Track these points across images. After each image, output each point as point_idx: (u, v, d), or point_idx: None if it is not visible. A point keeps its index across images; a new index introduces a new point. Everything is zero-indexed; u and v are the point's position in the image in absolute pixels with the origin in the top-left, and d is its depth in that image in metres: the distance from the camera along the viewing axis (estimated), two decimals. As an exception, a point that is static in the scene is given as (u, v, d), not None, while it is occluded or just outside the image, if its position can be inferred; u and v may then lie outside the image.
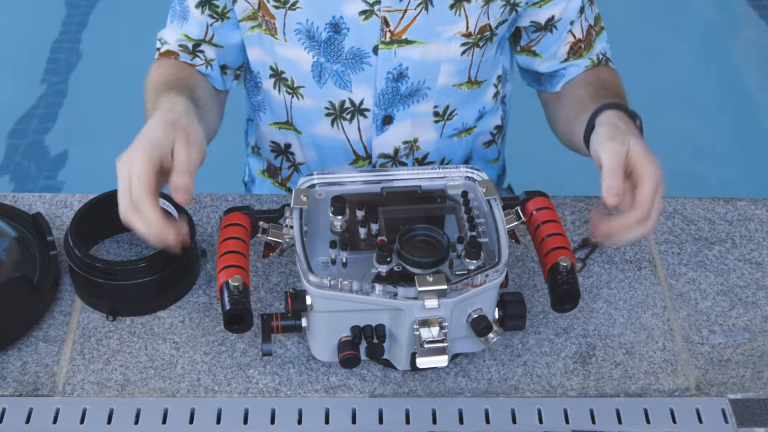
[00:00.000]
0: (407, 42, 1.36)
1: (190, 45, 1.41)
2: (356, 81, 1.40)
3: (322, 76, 1.40)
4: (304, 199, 1.17)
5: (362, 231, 1.16)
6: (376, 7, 1.32)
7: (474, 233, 1.15)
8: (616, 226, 1.15)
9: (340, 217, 1.16)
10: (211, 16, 1.39)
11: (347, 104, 1.43)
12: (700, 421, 1.17)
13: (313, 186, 1.21)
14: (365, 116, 1.44)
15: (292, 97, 1.45)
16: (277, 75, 1.44)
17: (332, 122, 1.46)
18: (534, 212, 1.22)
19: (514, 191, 1.72)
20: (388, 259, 1.11)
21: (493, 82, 1.50)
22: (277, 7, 1.34)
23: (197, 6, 1.38)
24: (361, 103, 1.42)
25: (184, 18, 1.40)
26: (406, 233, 1.13)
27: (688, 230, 1.39)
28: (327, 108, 1.44)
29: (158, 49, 1.45)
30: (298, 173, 1.57)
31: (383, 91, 1.41)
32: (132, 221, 1.10)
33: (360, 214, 1.17)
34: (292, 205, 1.16)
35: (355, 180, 1.22)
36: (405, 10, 1.33)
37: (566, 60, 1.45)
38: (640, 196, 1.14)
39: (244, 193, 1.55)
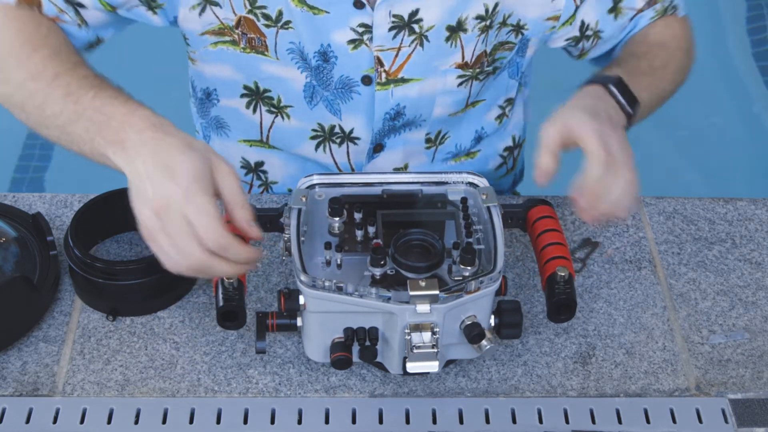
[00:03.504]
0: (404, 81, 1.32)
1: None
2: (345, 110, 1.36)
3: (314, 98, 1.35)
4: (303, 199, 1.17)
5: (359, 233, 1.15)
6: (365, 37, 1.27)
7: (470, 240, 1.15)
8: (591, 189, 1.11)
9: (337, 219, 1.16)
10: (143, 4, 1.26)
11: (337, 129, 1.39)
12: (700, 421, 1.17)
13: (312, 187, 1.20)
14: (355, 143, 1.40)
15: (276, 116, 1.39)
16: (256, 94, 1.37)
17: (318, 145, 1.41)
18: (536, 220, 1.22)
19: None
20: (382, 263, 1.11)
21: (498, 104, 1.45)
22: (267, 26, 1.27)
23: None
24: (351, 131, 1.38)
25: None
26: (401, 237, 1.13)
27: (688, 230, 1.39)
28: (315, 130, 1.39)
29: None
30: (269, 192, 1.51)
31: (380, 130, 1.38)
32: (214, 268, 1.03)
33: (358, 216, 1.17)
34: (290, 205, 1.16)
35: (356, 182, 1.22)
36: (399, 48, 1.29)
37: (632, 19, 1.39)
38: (586, 146, 1.11)
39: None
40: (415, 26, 1.27)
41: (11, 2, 1.23)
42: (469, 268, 1.11)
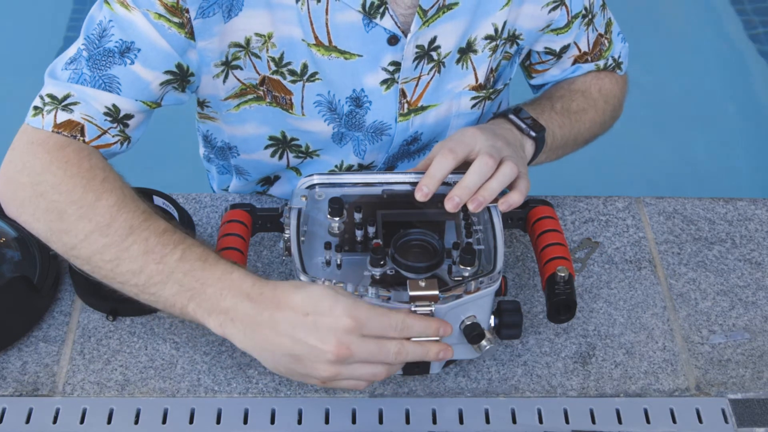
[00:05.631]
0: (423, 108, 1.32)
1: (119, 114, 1.17)
2: (371, 150, 1.36)
3: (343, 140, 1.34)
4: (303, 199, 1.17)
5: (359, 233, 1.15)
6: (396, 75, 1.27)
7: (470, 240, 1.15)
8: (467, 188, 1.15)
9: (337, 219, 1.16)
10: (175, 89, 1.22)
11: (355, 167, 1.38)
12: (700, 421, 1.17)
13: (312, 186, 1.20)
14: (370, 169, 1.40)
15: (304, 159, 1.38)
16: (283, 143, 1.35)
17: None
18: (536, 221, 1.22)
19: None
20: (382, 263, 1.11)
21: (492, 111, 1.45)
22: (294, 81, 1.25)
23: (165, 83, 1.19)
24: (371, 163, 1.39)
25: (109, 88, 1.15)
26: (401, 237, 1.13)
27: (688, 230, 1.39)
28: (337, 166, 1.39)
29: (39, 108, 1.15)
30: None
31: (395, 154, 1.38)
32: (417, 352, 1.04)
33: (358, 216, 1.16)
34: (290, 205, 1.16)
35: (356, 182, 1.21)
36: (419, 77, 1.28)
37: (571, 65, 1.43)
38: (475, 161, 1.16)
39: (245, 194, 1.54)
40: (434, 54, 1.27)
41: (46, 128, 1.14)
42: (468, 268, 1.11)
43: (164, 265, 1.06)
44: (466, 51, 1.29)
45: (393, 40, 1.23)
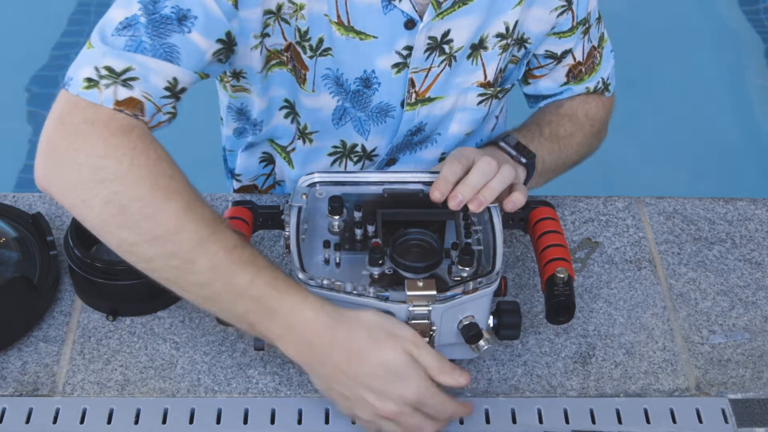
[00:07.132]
0: (430, 100, 1.32)
1: (176, 87, 1.11)
2: (375, 131, 1.36)
3: (343, 118, 1.34)
4: (304, 198, 1.17)
5: (358, 232, 1.15)
6: (408, 60, 1.27)
7: (469, 240, 1.15)
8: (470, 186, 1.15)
9: (337, 217, 1.16)
10: (220, 60, 1.18)
11: (358, 149, 1.38)
12: (700, 421, 1.17)
13: (313, 185, 1.20)
14: (372, 160, 1.41)
15: (298, 139, 1.38)
16: (292, 109, 1.34)
17: (334, 162, 1.40)
18: (537, 222, 1.22)
19: None
20: (381, 262, 1.11)
21: (495, 114, 1.46)
22: (311, 57, 1.26)
23: (216, 53, 1.15)
24: (374, 150, 1.39)
25: (170, 58, 1.09)
26: (399, 237, 1.13)
27: (688, 230, 1.39)
28: (336, 147, 1.38)
29: (93, 81, 1.05)
30: (279, 187, 1.51)
31: (399, 144, 1.38)
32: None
33: (358, 214, 1.16)
34: (290, 203, 1.16)
35: (357, 180, 1.21)
36: (429, 69, 1.29)
37: (565, 84, 1.43)
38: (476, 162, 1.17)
39: (244, 193, 1.54)
40: (446, 47, 1.27)
41: (105, 105, 1.04)
42: (467, 268, 1.11)
43: (232, 286, 1.03)
44: (477, 47, 1.30)
45: (410, 24, 1.23)
